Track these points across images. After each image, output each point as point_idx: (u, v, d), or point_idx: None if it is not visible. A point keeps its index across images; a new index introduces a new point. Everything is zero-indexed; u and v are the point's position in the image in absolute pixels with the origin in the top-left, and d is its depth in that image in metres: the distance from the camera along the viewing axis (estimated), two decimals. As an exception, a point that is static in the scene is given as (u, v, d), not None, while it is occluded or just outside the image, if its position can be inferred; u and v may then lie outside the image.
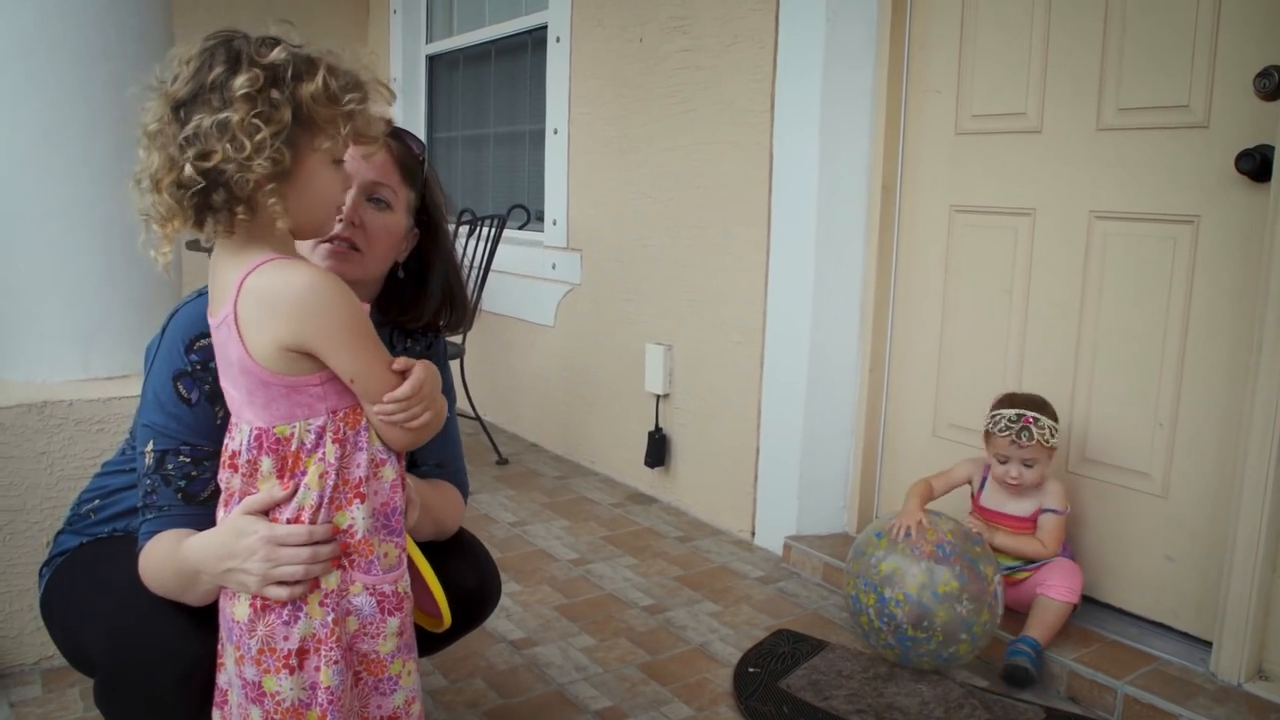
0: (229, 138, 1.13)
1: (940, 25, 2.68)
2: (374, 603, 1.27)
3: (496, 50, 4.62)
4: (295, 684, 1.22)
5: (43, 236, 2.17)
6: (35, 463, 2.10)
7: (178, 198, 1.15)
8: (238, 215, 1.16)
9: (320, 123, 1.19)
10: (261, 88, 1.14)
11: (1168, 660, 2.18)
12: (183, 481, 1.35)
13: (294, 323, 1.18)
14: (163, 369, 1.38)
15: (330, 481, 1.23)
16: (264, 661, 1.22)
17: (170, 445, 1.35)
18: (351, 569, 1.26)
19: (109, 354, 2.25)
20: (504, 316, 4.26)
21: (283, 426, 1.22)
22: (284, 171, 1.16)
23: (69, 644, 1.51)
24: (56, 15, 2.11)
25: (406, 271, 1.59)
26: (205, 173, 1.13)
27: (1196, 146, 2.17)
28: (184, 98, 1.15)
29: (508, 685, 2.20)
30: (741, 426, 3.13)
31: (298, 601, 1.23)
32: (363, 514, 1.25)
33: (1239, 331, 2.12)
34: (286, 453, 1.23)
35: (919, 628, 2.12)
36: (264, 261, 1.19)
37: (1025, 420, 2.28)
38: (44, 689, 2.08)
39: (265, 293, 1.18)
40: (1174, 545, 2.28)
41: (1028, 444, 2.27)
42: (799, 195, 2.86)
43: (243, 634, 1.24)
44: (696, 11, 3.17)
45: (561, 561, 2.91)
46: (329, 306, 1.19)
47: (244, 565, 1.22)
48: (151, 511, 1.36)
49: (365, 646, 1.28)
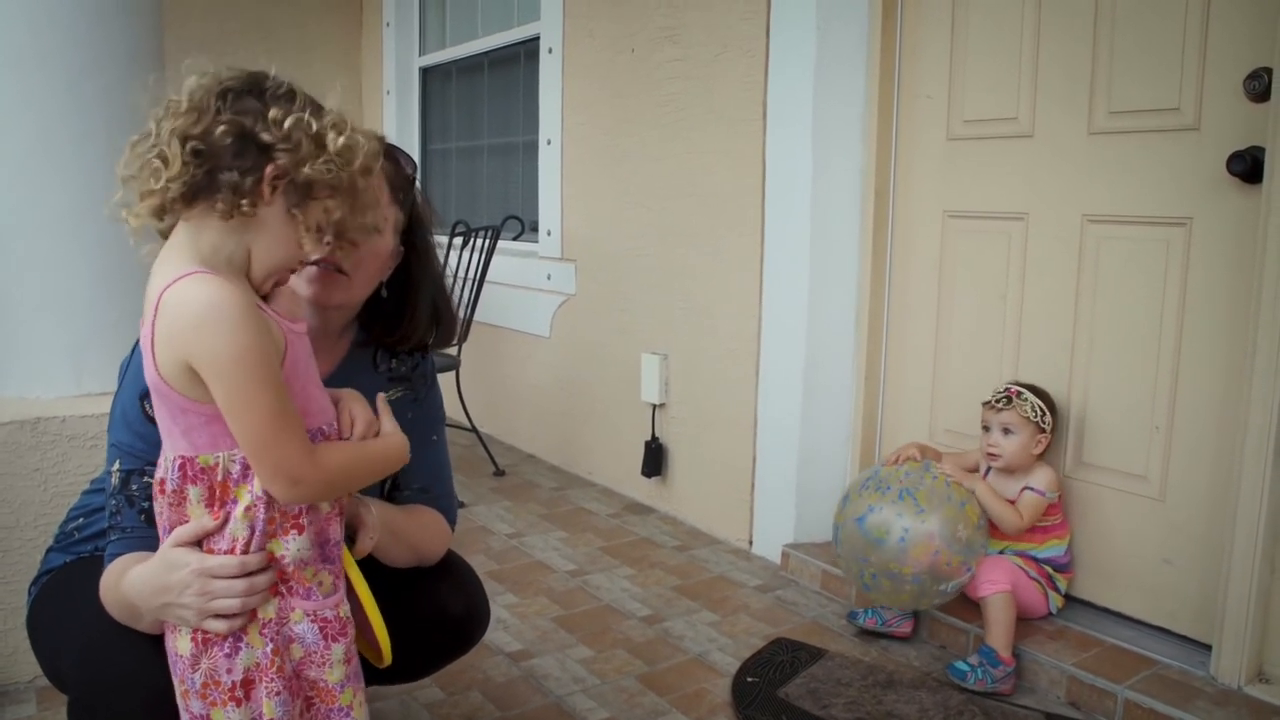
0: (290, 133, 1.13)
1: (931, 31, 2.68)
2: (316, 629, 1.24)
3: (489, 62, 4.63)
4: (243, 715, 1.20)
5: (34, 251, 2.17)
6: (29, 479, 2.09)
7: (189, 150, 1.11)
8: (241, 207, 1.13)
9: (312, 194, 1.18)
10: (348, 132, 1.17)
11: (1167, 664, 2.17)
12: (146, 503, 1.32)
13: (186, 339, 1.12)
14: (131, 387, 1.35)
15: (261, 514, 1.19)
16: (209, 694, 1.20)
17: (135, 465, 1.33)
18: (290, 595, 1.23)
19: (102, 369, 2.24)
20: (499, 328, 4.25)
21: (206, 456, 1.18)
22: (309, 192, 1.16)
23: (49, 663, 1.50)
24: (48, 29, 2.11)
25: (390, 289, 1.55)
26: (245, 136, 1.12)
27: (1188, 149, 2.18)
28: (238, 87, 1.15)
29: (505, 698, 2.19)
30: (738, 435, 3.12)
31: (238, 633, 1.20)
32: (300, 545, 1.22)
33: (1233, 333, 2.12)
34: (214, 482, 1.19)
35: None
36: (187, 274, 1.13)
37: (1010, 390, 2.38)
38: (38, 707, 2.07)
39: (173, 307, 1.12)
40: (1172, 548, 2.28)
41: (1005, 409, 2.35)
42: (792, 203, 2.86)
43: (186, 668, 1.21)
44: (687, 21, 3.18)
45: (559, 572, 2.90)
46: (222, 329, 1.11)
47: (179, 600, 1.19)
48: (116, 532, 1.33)
49: (313, 674, 1.25)
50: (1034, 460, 2.37)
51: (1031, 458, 2.36)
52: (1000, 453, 2.37)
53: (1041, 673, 2.23)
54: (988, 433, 2.40)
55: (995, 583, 2.26)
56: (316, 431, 1.25)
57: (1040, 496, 2.33)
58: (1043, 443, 2.36)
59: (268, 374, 1.14)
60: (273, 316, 1.19)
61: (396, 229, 1.52)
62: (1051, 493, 2.34)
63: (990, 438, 2.39)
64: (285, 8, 5.25)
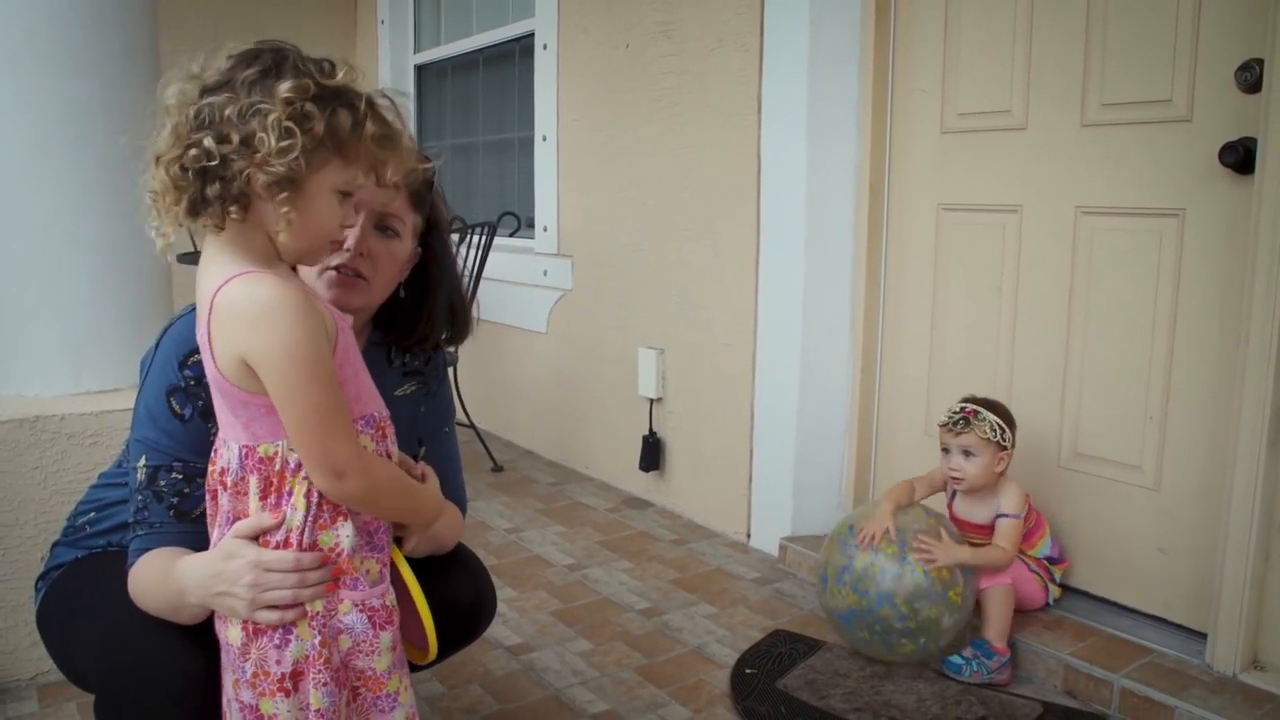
0: (251, 131, 1.12)
1: (924, 24, 2.69)
2: (365, 619, 1.27)
3: (484, 59, 4.63)
4: (291, 706, 1.22)
5: (32, 250, 2.17)
6: (29, 477, 2.09)
7: (175, 178, 1.14)
8: (230, 214, 1.14)
9: (346, 153, 1.19)
10: (308, 97, 1.14)
11: (1163, 652, 2.19)
12: (175, 499, 1.35)
13: (245, 335, 1.16)
14: (156, 384, 1.37)
15: (315, 500, 1.22)
16: (259, 685, 1.22)
17: (163, 461, 1.35)
18: (339, 587, 1.26)
19: (100, 367, 2.25)
20: (496, 324, 4.26)
21: (266, 446, 1.22)
22: (293, 183, 1.15)
23: (65, 659, 1.51)
24: (44, 30, 2.12)
25: (408, 291, 1.58)
26: (212, 157, 1.12)
27: (1180, 140, 2.19)
28: (211, 85, 1.15)
29: (505, 691, 2.20)
30: (735, 429, 3.14)
31: (288, 625, 1.22)
32: (347, 532, 1.25)
33: (1226, 322, 2.13)
34: (270, 472, 1.22)
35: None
36: (237, 275, 1.17)
37: (965, 411, 2.31)
38: (40, 704, 2.08)
39: (228, 307, 1.16)
40: (1166, 538, 2.29)
41: (964, 432, 2.28)
42: (787, 197, 2.87)
43: (236, 657, 1.24)
44: (682, 16, 3.19)
45: (557, 567, 2.91)
46: (276, 325, 1.15)
47: (232, 589, 1.22)
48: (143, 528, 1.35)
49: (361, 664, 1.28)
50: (998, 478, 2.32)
51: (995, 476, 2.31)
52: (963, 476, 2.31)
53: (1038, 662, 2.24)
54: (948, 455, 2.33)
55: (996, 576, 2.27)
56: (369, 417, 1.28)
57: (1016, 520, 2.28)
58: (1005, 460, 2.31)
59: (320, 368, 1.17)
60: (325, 306, 1.23)
61: (415, 232, 1.54)
62: (1022, 511, 2.30)
63: (951, 461, 2.32)
64: (280, 6, 5.25)
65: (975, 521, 2.35)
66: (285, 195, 1.15)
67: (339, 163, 1.19)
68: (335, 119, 1.16)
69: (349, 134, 1.17)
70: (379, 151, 1.21)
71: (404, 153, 1.24)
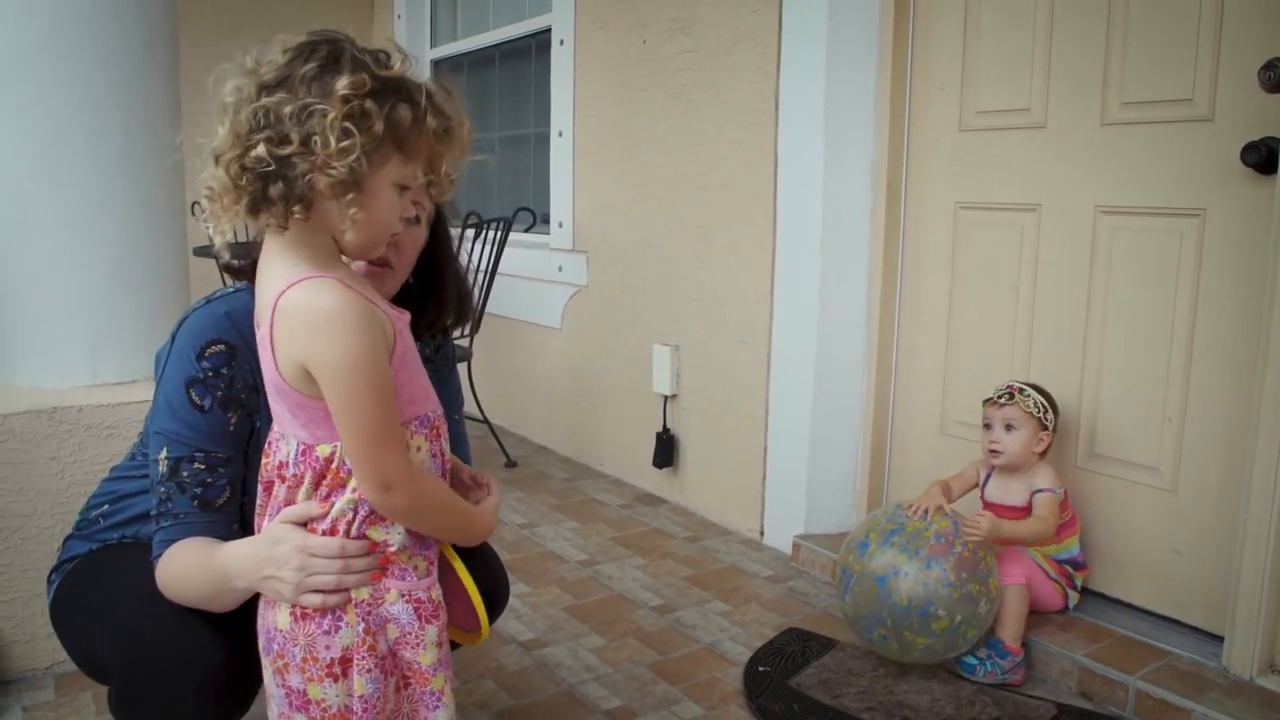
0: (309, 132, 1.11)
1: (943, 22, 2.68)
2: (411, 610, 1.27)
3: (500, 54, 4.63)
4: (339, 691, 1.24)
5: (51, 243, 2.18)
6: (45, 468, 2.11)
7: (235, 177, 1.13)
8: (294, 214, 1.14)
9: (406, 149, 1.18)
10: (365, 94, 1.13)
11: (1178, 655, 2.18)
12: (198, 489, 1.36)
13: (307, 342, 1.16)
14: (174, 376, 1.38)
15: (364, 503, 1.24)
16: (308, 669, 1.24)
17: (184, 452, 1.36)
18: (386, 576, 1.27)
19: (117, 360, 2.26)
20: (511, 319, 4.26)
21: (324, 446, 1.23)
22: (356, 183, 1.14)
23: (81, 651, 1.52)
24: (67, 24, 2.12)
25: (416, 277, 1.59)
26: (273, 159, 1.11)
27: (1201, 140, 2.17)
28: (271, 82, 1.13)
29: (518, 686, 2.20)
30: (749, 426, 3.13)
31: (337, 611, 1.23)
32: (399, 530, 1.26)
33: (1247, 324, 2.12)
34: (327, 470, 1.23)
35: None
36: (302, 280, 1.17)
37: (1012, 387, 2.36)
38: (56, 693, 2.09)
39: (292, 313, 1.16)
40: (1183, 540, 2.28)
41: (1007, 404, 2.32)
42: (804, 194, 2.86)
43: (286, 642, 1.25)
44: (699, 13, 3.18)
45: (570, 563, 2.91)
46: (337, 336, 1.15)
47: (279, 573, 1.23)
48: (168, 519, 1.36)
49: (408, 655, 1.28)
50: (1036, 458, 2.34)
51: (1034, 455, 2.33)
52: (1002, 449, 2.33)
53: (1053, 663, 2.23)
54: (989, 430, 2.37)
55: (1011, 575, 2.25)
56: (423, 418, 1.29)
57: (1053, 494, 2.30)
58: (1045, 440, 2.33)
59: (378, 380, 1.18)
60: (384, 309, 1.23)
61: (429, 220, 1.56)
62: (1061, 487, 2.33)
63: (992, 434, 2.36)
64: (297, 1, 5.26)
65: (1010, 503, 2.35)
66: (351, 196, 1.15)
67: (399, 158, 1.18)
68: (395, 114, 1.15)
69: (410, 129, 1.17)
70: (437, 146, 1.21)
71: (460, 145, 1.24)
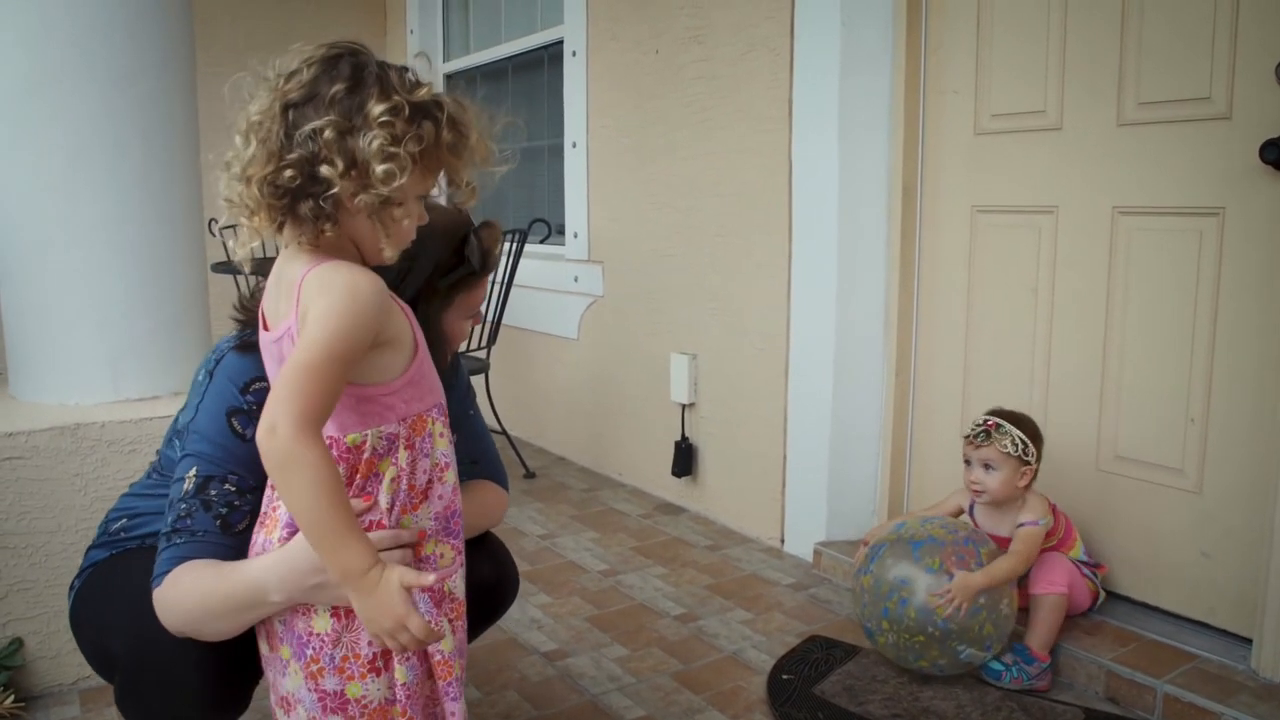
0: (351, 156, 1.13)
1: (956, 25, 2.68)
2: (426, 599, 1.28)
3: (513, 66, 4.65)
4: (382, 684, 1.25)
5: (71, 260, 2.20)
6: (69, 484, 2.12)
7: (267, 195, 1.14)
8: (324, 231, 1.16)
9: (428, 164, 1.21)
10: (405, 119, 1.15)
11: (1207, 658, 2.15)
12: (224, 509, 1.35)
13: (313, 294, 1.16)
14: (215, 405, 1.39)
15: (403, 485, 1.25)
16: (348, 668, 1.24)
17: (216, 472, 1.36)
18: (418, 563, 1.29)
19: (139, 376, 2.27)
20: (528, 331, 4.27)
21: (353, 435, 1.23)
22: (391, 201, 1.17)
23: (94, 649, 1.53)
24: (86, 40, 2.14)
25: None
26: (310, 179, 1.13)
27: (1219, 138, 2.16)
28: (296, 100, 1.15)
29: (541, 697, 2.20)
30: (768, 433, 3.12)
31: None
32: (427, 514, 1.28)
33: (1268, 322, 2.10)
34: (358, 461, 1.23)
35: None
36: (326, 260, 1.19)
37: (988, 424, 2.29)
38: (82, 708, 2.10)
39: (312, 280, 1.17)
40: (1209, 541, 2.26)
41: (984, 445, 2.27)
42: (819, 200, 2.86)
43: (324, 645, 1.25)
44: (711, 21, 3.18)
45: (591, 573, 2.91)
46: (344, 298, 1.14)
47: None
48: (182, 535, 1.34)
49: (430, 645, 1.28)
50: (1021, 492, 2.29)
51: (1019, 490, 2.28)
52: (984, 489, 2.29)
53: (1079, 668, 2.22)
54: (969, 467, 2.32)
55: (1054, 584, 2.22)
56: (441, 406, 1.31)
57: (1036, 526, 2.24)
58: (1028, 475, 2.27)
59: (344, 349, 1.14)
60: (405, 310, 1.27)
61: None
62: (1046, 519, 2.26)
63: (972, 474, 2.30)
64: (310, 16, 5.30)
65: (996, 534, 2.31)
66: (385, 212, 1.17)
67: (424, 173, 1.21)
68: (423, 133, 1.18)
69: (431, 145, 1.19)
70: (452, 159, 1.23)
71: (474, 154, 1.26)
